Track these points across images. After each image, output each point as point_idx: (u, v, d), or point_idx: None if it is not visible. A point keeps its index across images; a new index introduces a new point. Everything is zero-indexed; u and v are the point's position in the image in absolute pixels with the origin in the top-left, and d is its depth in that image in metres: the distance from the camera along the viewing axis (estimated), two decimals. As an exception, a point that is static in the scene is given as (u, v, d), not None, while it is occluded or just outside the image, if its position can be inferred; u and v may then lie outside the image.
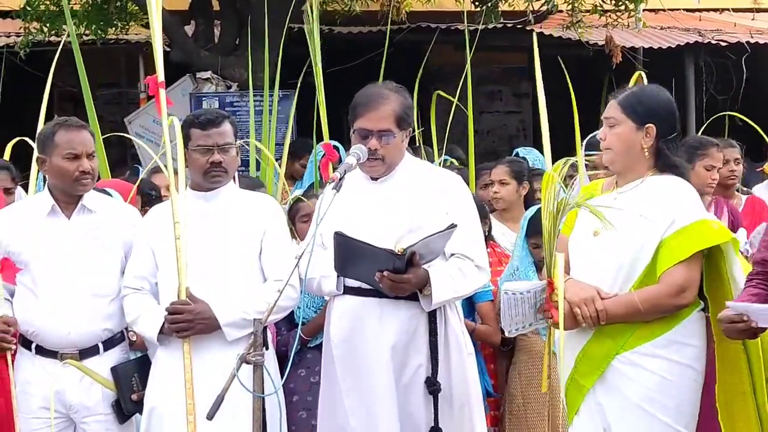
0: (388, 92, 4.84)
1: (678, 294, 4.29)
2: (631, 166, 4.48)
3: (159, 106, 5.06)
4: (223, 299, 4.80)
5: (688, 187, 4.46)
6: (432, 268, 4.64)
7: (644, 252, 4.33)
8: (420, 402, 4.70)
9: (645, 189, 4.43)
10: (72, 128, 5.07)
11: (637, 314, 4.31)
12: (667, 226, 4.31)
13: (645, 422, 4.31)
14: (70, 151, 4.99)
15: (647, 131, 4.43)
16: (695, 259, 4.31)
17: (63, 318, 4.98)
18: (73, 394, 4.98)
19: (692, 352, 4.36)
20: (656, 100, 4.53)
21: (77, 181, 5.00)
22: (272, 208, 5.13)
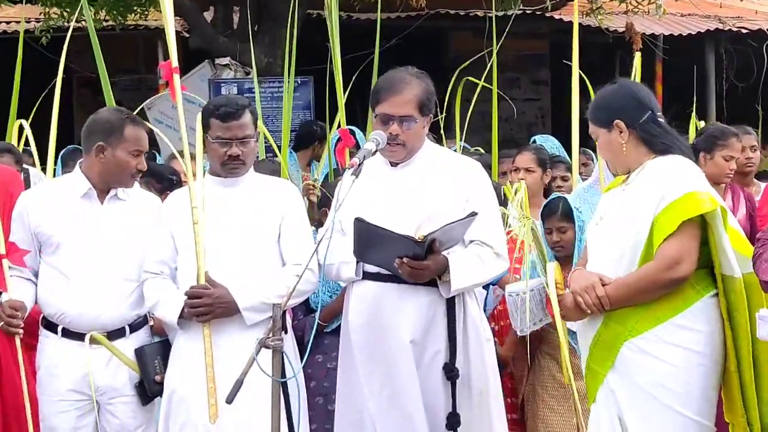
0: (410, 78, 4.85)
1: (671, 267, 4.27)
2: (626, 163, 4.53)
3: (173, 91, 5.08)
4: (243, 283, 4.82)
5: (682, 163, 4.46)
6: (451, 255, 4.66)
7: (641, 233, 4.35)
8: (438, 388, 4.72)
9: (645, 173, 4.46)
10: (139, 125, 5.14)
11: (638, 294, 4.32)
12: (657, 204, 4.32)
13: (655, 410, 4.31)
14: (138, 148, 5.06)
15: (616, 128, 4.50)
16: (686, 232, 4.28)
17: (93, 301, 5.01)
18: (101, 377, 5.02)
19: (700, 338, 4.33)
20: (610, 96, 4.62)
21: (132, 177, 5.10)
22: (291, 193, 5.15)
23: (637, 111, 4.53)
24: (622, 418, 4.36)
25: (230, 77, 10.91)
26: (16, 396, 5.11)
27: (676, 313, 4.33)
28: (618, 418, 4.36)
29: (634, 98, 4.57)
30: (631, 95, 4.57)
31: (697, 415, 4.34)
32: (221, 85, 10.59)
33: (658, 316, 4.33)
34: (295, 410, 4.53)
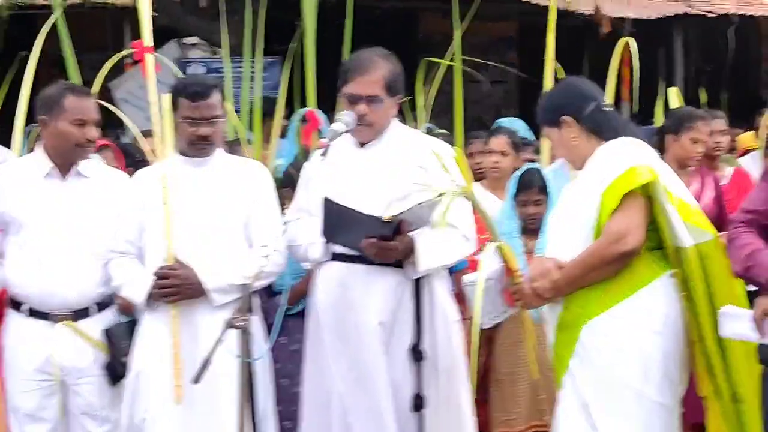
0: (378, 58, 4.85)
1: (617, 241, 4.29)
2: (581, 156, 4.56)
3: (145, 71, 5.05)
4: (211, 264, 4.81)
5: (627, 142, 4.50)
6: (419, 236, 4.67)
7: (591, 214, 4.38)
8: (405, 369, 4.73)
9: (593, 160, 4.51)
10: (82, 94, 5.10)
11: (590, 271, 4.34)
12: (601, 181, 4.37)
13: (616, 390, 4.34)
14: (81, 117, 5.00)
15: (564, 124, 4.53)
16: (630, 205, 4.31)
17: (58, 280, 4.99)
18: (66, 357, 5.00)
19: (658, 318, 4.36)
20: (554, 96, 4.68)
21: (81, 147, 5.02)
22: (260, 173, 5.13)
23: (581, 103, 4.57)
24: (585, 401, 4.37)
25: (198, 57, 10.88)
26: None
27: (632, 292, 4.37)
28: (584, 404, 4.38)
29: (577, 92, 4.62)
30: (574, 90, 4.64)
31: (658, 396, 4.37)
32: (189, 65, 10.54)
33: (615, 297, 4.36)
34: (262, 391, 4.54)
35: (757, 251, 4.14)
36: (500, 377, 5.77)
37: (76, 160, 5.07)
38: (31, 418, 5.04)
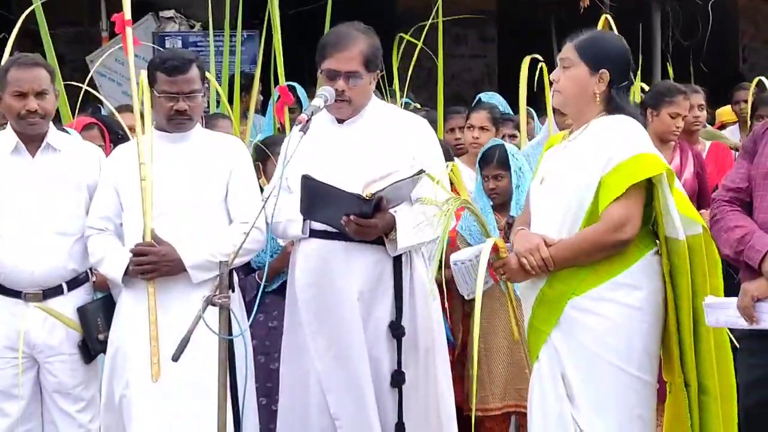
0: (356, 33, 4.82)
1: (616, 230, 4.29)
2: (581, 110, 4.49)
3: (125, 45, 5.03)
4: (189, 241, 4.81)
5: (631, 123, 4.46)
6: (398, 213, 4.66)
7: (586, 194, 4.35)
8: (384, 346, 4.73)
9: (590, 132, 4.45)
10: (23, 66, 5.04)
11: (582, 255, 4.34)
12: (604, 165, 4.32)
13: (598, 366, 4.34)
14: (17, 89, 4.97)
15: (601, 77, 4.43)
16: (633, 194, 4.30)
17: (27, 257, 4.99)
18: (36, 334, 5.00)
19: (643, 295, 4.36)
20: (613, 46, 4.55)
21: (23, 119, 4.98)
22: (239, 150, 5.12)
23: (624, 74, 4.51)
24: (565, 376, 4.38)
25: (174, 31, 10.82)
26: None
27: (619, 271, 4.36)
28: (561, 376, 4.39)
29: (628, 63, 4.55)
30: (628, 58, 4.54)
31: (638, 371, 4.38)
32: (166, 39, 10.50)
33: (602, 275, 4.35)
34: (241, 368, 4.53)
35: (748, 234, 4.14)
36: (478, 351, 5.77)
37: (28, 133, 5.04)
38: (5, 395, 5.04)
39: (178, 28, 10.92)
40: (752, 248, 4.11)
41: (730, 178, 4.39)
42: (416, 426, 4.75)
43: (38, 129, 5.05)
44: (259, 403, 5.24)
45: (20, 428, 5.07)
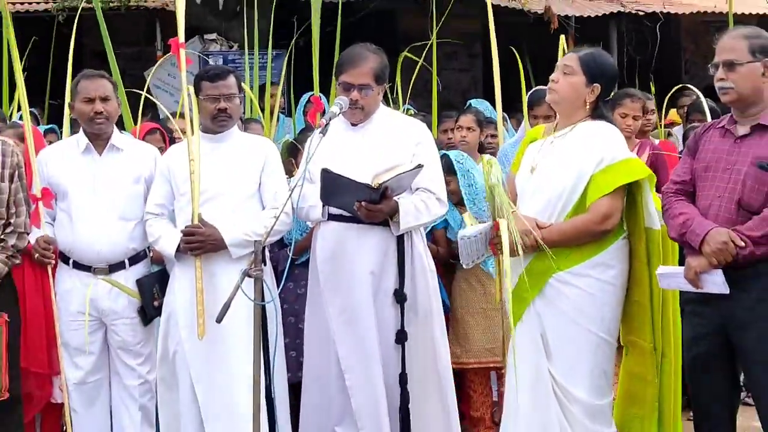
0: (368, 53, 4.80)
1: (603, 221, 4.30)
2: (571, 112, 4.46)
3: (179, 62, 5.03)
4: (229, 223, 4.81)
5: (614, 130, 4.47)
6: (401, 200, 4.64)
7: (577, 186, 4.33)
8: (390, 310, 4.71)
9: (577, 133, 4.43)
10: (89, 77, 5.10)
11: (570, 239, 4.33)
12: (596, 164, 4.31)
13: (574, 330, 4.34)
14: (86, 95, 5.02)
15: (594, 89, 4.43)
16: (618, 192, 4.32)
17: (95, 238, 5.00)
18: (103, 302, 5.02)
19: (615, 272, 4.37)
20: (609, 66, 4.54)
21: (92, 121, 5.02)
22: (269, 148, 5.13)
23: (610, 89, 4.57)
24: (544, 335, 4.38)
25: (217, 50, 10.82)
26: (36, 316, 5.07)
27: (597, 252, 4.36)
28: (540, 336, 4.38)
29: (615, 80, 4.60)
30: (616, 76, 4.58)
31: (606, 335, 4.40)
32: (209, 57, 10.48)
33: (584, 255, 4.34)
34: (272, 329, 4.53)
35: (689, 220, 4.12)
36: (456, 315, 5.76)
37: (97, 133, 5.06)
38: (78, 351, 5.06)
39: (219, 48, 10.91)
40: (693, 232, 4.08)
41: (676, 173, 4.36)
42: (417, 376, 4.73)
43: (104, 129, 5.06)
44: (290, 356, 5.26)
45: (91, 378, 5.10)
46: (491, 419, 5.75)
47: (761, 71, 4.09)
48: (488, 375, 5.80)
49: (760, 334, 4.04)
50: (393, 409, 4.70)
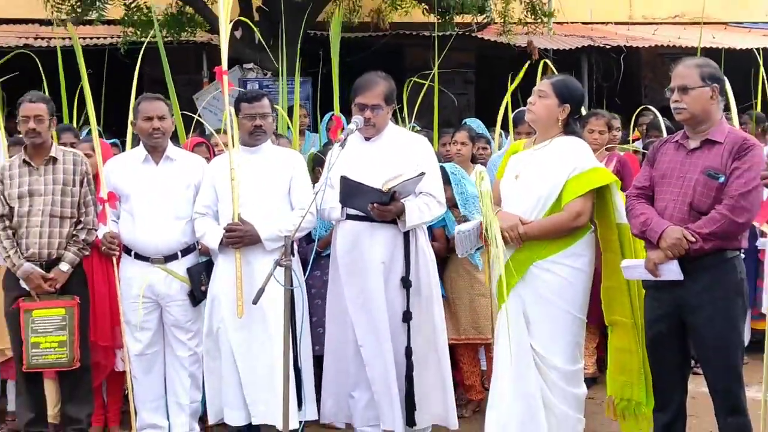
0: (379, 79, 4.80)
1: (576, 219, 4.29)
2: (547, 128, 4.45)
3: (223, 87, 5.03)
4: (264, 222, 4.80)
5: (584, 144, 4.47)
6: (407, 202, 4.63)
7: (554, 190, 4.33)
8: (397, 294, 4.71)
9: (553, 146, 4.42)
10: (148, 99, 5.10)
11: (548, 234, 4.32)
12: (569, 172, 4.31)
13: (551, 309, 4.34)
14: (145, 114, 5.02)
15: (564, 108, 4.42)
16: (589, 194, 4.31)
17: (153, 234, 5.01)
18: (159, 287, 5.03)
19: (585, 260, 4.37)
20: (576, 89, 4.52)
21: (150, 135, 5.02)
22: (297, 158, 5.12)
23: (578, 109, 4.56)
24: (526, 314, 4.37)
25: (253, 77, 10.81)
26: (103, 299, 5.09)
27: (571, 244, 4.35)
28: (523, 314, 4.37)
29: (582, 101, 4.58)
30: (583, 98, 4.56)
31: (578, 312, 4.40)
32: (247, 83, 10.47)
33: (560, 246, 4.33)
34: (299, 310, 4.53)
35: (648, 219, 4.11)
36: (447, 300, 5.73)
37: (156, 146, 5.06)
38: (138, 328, 5.06)
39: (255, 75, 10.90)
40: (652, 230, 4.07)
41: (637, 180, 4.35)
42: (419, 350, 4.72)
43: (160, 143, 5.06)
44: (317, 332, 5.23)
45: (149, 350, 5.10)
46: (481, 385, 5.73)
47: (710, 95, 4.08)
48: (476, 350, 5.77)
49: (708, 315, 4.04)
50: (399, 376, 4.70)
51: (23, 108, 4.93)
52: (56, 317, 4.86)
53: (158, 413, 5.12)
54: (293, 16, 9.81)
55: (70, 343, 4.86)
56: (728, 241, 4.02)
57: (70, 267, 4.90)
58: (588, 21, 14.09)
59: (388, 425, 4.73)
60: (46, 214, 4.88)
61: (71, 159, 5.01)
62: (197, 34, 11.25)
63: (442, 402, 4.81)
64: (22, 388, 5.09)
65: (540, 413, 4.32)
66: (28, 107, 4.92)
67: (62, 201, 4.92)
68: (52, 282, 4.86)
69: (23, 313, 4.85)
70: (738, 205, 3.95)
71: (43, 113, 4.93)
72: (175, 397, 5.08)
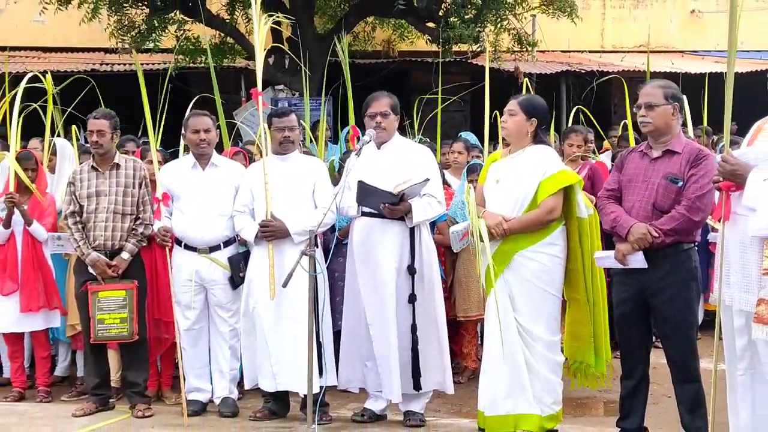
0: (384, 94, 4.83)
1: (549, 213, 4.30)
2: (519, 140, 4.46)
3: (258, 105, 5.04)
4: (292, 218, 4.78)
5: (552, 151, 4.50)
6: (413, 202, 4.62)
7: (530, 191, 4.33)
8: (404, 280, 4.68)
9: (527, 154, 4.43)
10: (196, 115, 5.13)
11: (527, 227, 4.32)
12: (542, 174, 4.32)
13: (534, 290, 4.33)
14: (194, 127, 5.03)
15: (532, 122, 4.42)
16: (559, 192, 4.31)
17: (200, 228, 5.02)
18: (205, 273, 5.03)
19: (559, 249, 4.36)
20: (540, 105, 4.52)
21: (198, 146, 5.04)
22: (320, 165, 5.11)
23: (545, 121, 4.55)
24: (512, 295, 4.36)
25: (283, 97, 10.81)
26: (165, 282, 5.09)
27: (547, 235, 4.35)
28: (509, 296, 4.36)
29: (547, 114, 4.57)
30: (547, 112, 4.55)
31: (556, 293, 4.40)
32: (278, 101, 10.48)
33: (538, 237, 4.33)
34: (321, 293, 4.52)
35: (618, 217, 4.10)
36: (461, 282, 5.74)
37: (202, 154, 5.06)
38: (187, 307, 5.07)
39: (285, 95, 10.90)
40: (621, 226, 4.06)
41: (608, 183, 4.35)
42: (423, 326, 4.70)
43: (206, 151, 5.07)
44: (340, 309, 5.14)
45: (195, 326, 5.11)
46: (476, 355, 5.72)
47: (671, 111, 4.08)
48: (478, 325, 5.77)
49: (667, 298, 4.03)
50: (406, 349, 4.67)
51: (89, 123, 4.98)
52: (118, 298, 4.88)
53: (203, 379, 5.13)
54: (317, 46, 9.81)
55: (130, 320, 4.88)
56: (685, 236, 4.03)
57: (130, 256, 4.93)
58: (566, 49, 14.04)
59: (387, 395, 4.72)
60: (110, 211, 4.90)
61: (131, 165, 5.03)
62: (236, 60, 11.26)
63: (441, 370, 4.79)
64: (89, 357, 5.12)
65: (525, 378, 4.32)
66: (92, 123, 4.97)
67: (124, 201, 4.94)
68: (115, 268, 4.90)
69: (90, 294, 4.89)
70: (694, 205, 3.95)
71: (105, 128, 4.95)
72: (218, 365, 5.09)
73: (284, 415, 4.90)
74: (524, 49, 11.41)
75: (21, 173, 5.34)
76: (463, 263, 5.73)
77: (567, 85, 12.43)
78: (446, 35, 10.22)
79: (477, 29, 10.36)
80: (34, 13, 10.89)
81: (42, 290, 5.39)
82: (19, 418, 4.95)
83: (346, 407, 5.09)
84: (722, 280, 3.37)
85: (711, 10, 14.41)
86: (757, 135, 3.44)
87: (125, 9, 10.26)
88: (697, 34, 14.49)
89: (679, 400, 4.11)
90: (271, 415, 4.88)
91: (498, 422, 4.36)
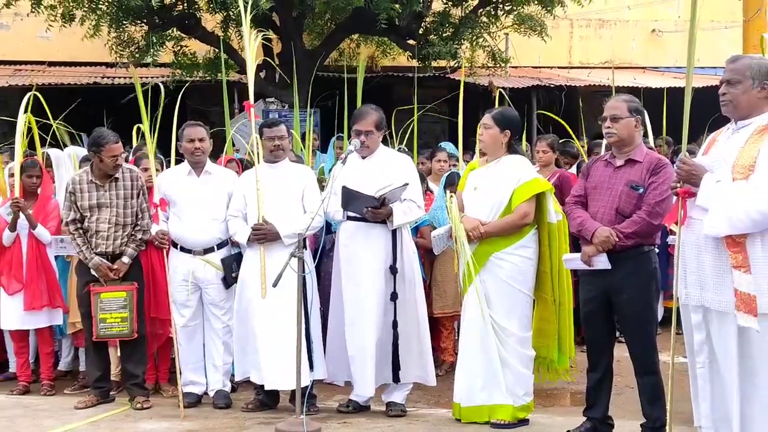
0: (371, 110, 4.79)
1: (523, 218, 4.33)
2: (495, 151, 4.49)
3: (250, 117, 5.03)
4: (282, 222, 4.76)
5: (525, 160, 4.53)
6: (394, 206, 4.62)
7: (505, 197, 4.36)
8: (387, 278, 4.67)
9: (502, 163, 4.46)
10: (191, 125, 5.11)
11: (503, 231, 4.34)
12: (516, 182, 4.35)
13: (507, 289, 4.35)
14: (189, 137, 5.02)
15: (505, 134, 4.45)
16: (532, 199, 4.34)
17: (195, 231, 5.00)
18: (199, 273, 5.01)
19: (531, 251, 4.39)
20: (513, 117, 4.55)
21: (192, 154, 5.02)
22: (309, 172, 5.10)
23: (518, 132, 4.57)
24: (487, 294, 4.37)
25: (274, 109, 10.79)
26: (162, 283, 5.08)
27: (521, 238, 4.38)
28: (484, 295, 4.37)
29: (519, 125, 4.59)
30: (519, 123, 4.57)
31: (528, 291, 4.42)
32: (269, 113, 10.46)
33: (512, 240, 4.36)
34: (309, 292, 4.51)
35: (584, 221, 4.12)
36: (438, 281, 5.75)
37: (197, 162, 5.04)
38: (183, 305, 5.04)
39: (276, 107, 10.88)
40: (586, 229, 4.08)
41: (575, 189, 4.36)
42: (404, 323, 4.70)
43: (201, 159, 5.05)
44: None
45: (191, 323, 5.08)
46: (453, 349, 5.73)
47: (634, 123, 4.12)
48: (456, 321, 5.78)
49: (629, 296, 4.06)
50: (388, 344, 4.66)
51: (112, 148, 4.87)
52: (119, 298, 4.86)
53: (198, 373, 5.11)
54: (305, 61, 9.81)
55: (130, 319, 4.86)
56: (645, 239, 4.05)
57: (130, 260, 4.92)
58: (537, 65, 14.11)
59: (361, 391, 4.71)
60: (111, 222, 4.90)
61: (129, 176, 5.00)
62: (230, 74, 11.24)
63: (422, 365, 4.79)
64: (90, 353, 5.09)
65: (499, 371, 4.34)
66: (114, 148, 4.87)
67: (125, 213, 4.93)
68: (116, 271, 4.89)
69: (93, 295, 4.88)
70: (654, 210, 3.98)
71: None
72: (212, 360, 5.07)
73: (274, 407, 4.89)
74: (498, 64, 11.49)
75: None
76: (440, 264, 5.74)
77: (537, 99, 12.50)
78: (426, 52, 10.27)
79: (454, 46, 10.42)
80: (40, 30, 10.84)
81: (45, 290, 5.36)
82: (24, 410, 4.92)
83: (333, 399, 5.09)
84: (680, 280, 3.39)
85: (670, 29, 14.56)
86: (711, 145, 3.47)
87: (125, 26, 10.22)
88: (658, 51, 14.64)
89: (641, 391, 4.14)
90: (262, 406, 4.86)
91: (474, 412, 4.38)
